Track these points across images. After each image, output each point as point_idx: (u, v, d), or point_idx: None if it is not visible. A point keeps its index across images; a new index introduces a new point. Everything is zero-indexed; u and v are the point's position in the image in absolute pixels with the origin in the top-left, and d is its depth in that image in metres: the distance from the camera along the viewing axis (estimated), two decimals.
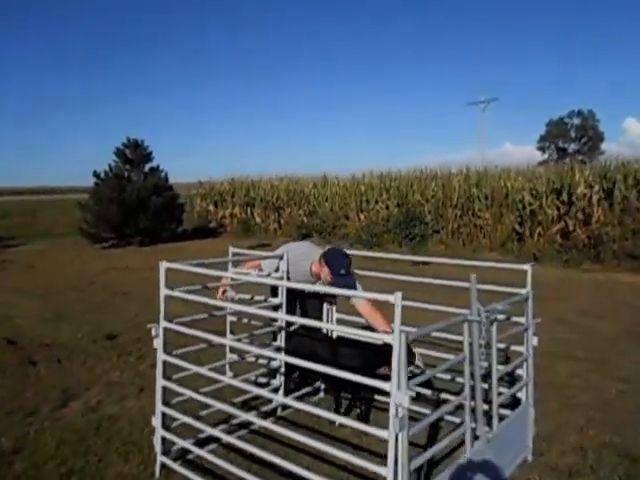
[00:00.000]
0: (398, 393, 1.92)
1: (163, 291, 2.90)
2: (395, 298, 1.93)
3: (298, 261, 3.73)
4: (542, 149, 57.08)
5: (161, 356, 2.93)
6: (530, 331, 3.08)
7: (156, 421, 2.95)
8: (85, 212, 15.96)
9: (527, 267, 3.12)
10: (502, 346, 3.32)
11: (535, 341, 3.11)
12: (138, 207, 15.53)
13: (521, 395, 3.17)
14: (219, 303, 3.35)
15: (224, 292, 3.69)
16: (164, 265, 2.89)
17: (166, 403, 2.98)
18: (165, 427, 2.98)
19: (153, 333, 2.90)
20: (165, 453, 2.97)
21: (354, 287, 3.58)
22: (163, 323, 2.90)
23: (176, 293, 2.90)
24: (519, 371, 3.19)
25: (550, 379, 4.43)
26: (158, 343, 2.91)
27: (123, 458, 3.12)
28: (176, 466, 2.94)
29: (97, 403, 3.98)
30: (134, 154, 16.67)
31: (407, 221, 13.40)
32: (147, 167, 17.14)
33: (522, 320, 3.13)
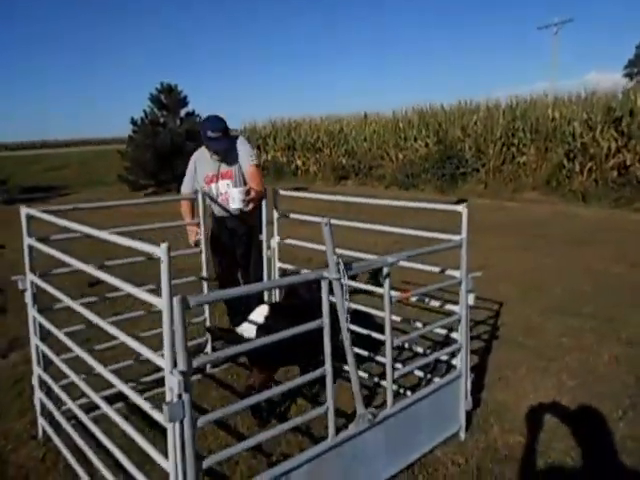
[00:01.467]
0: (170, 375, 1.48)
1: (26, 240, 2.57)
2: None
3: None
4: (629, 76, 50.72)
5: (32, 312, 2.64)
6: (464, 286, 2.49)
7: (34, 381, 2.71)
8: (124, 160, 16.17)
9: (461, 208, 2.48)
10: (437, 305, 2.76)
11: (471, 299, 2.52)
12: (172, 153, 15.46)
13: (455, 362, 2.62)
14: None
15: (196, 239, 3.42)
16: (24, 211, 2.54)
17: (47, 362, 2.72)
18: (46, 389, 2.73)
19: (20, 286, 2.60)
20: (47, 414, 2.74)
21: (233, 150, 3.44)
22: (30, 276, 2.60)
23: (37, 244, 2.55)
24: (454, 335, 2.63)
25: (533, 340, 3.80)
26: (28, 298, 2.62)
27: (11, 416, 2.95)
28: (65, 426, 2.71)
29: None
30: (168, 99, 16.46)
31: (444, 159, 12.38)
32: (183, 112, 16.95)
33: (457, 274, 2.54)
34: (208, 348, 3.43)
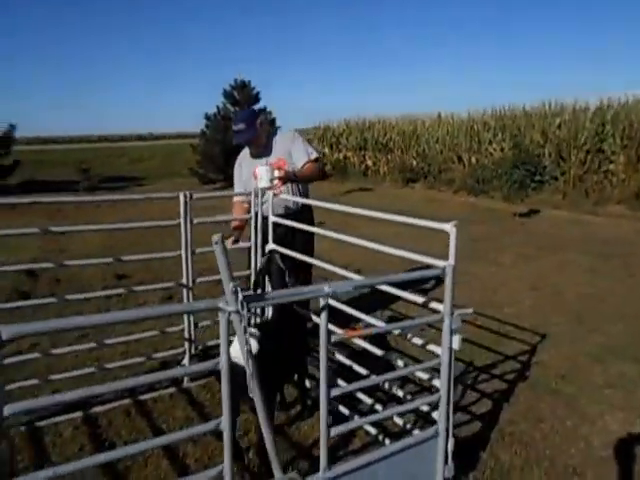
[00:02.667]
0: None
1: None
2: None
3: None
4: None
5: None
6: (446, 325, 1.98)
7: None
8: (195, 153, 16.58)
9: (449, 227, 1.98)
10: (419, 343, 2.26)
11: (456, 342, 2.00)
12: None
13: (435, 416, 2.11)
14: None
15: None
16: None
17: None
18: None
19: None
20: None
21: (274, 143, 3.38)
22: None
23: None
24: (437, 382, 2.12)
25: (570, 387, 3.14)
26: None
27: None
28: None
29: None
30: (241, 95, 16.65)
31: (518, 165, 11.36)
32: (255, 109, 17.07)
33: (440, 307, 2.03)
34: (185, 360, 3.15)
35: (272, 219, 3.01)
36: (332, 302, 2.93)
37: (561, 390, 3.11)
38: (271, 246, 3.19)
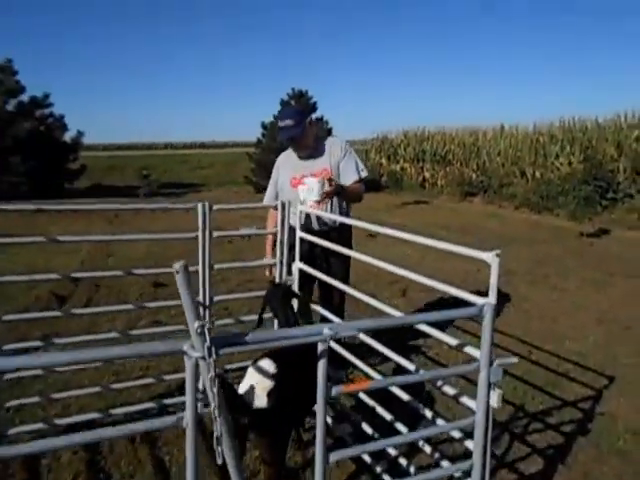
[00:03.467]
0: None
1: None
2: None
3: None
4: None
5: None
6: (483, 377, 1.61)
7: None
8: (251, 162, 16.69)
9: (489, 256, 1.61)
10: (451, 393, 1.89)
11: (495, 398, 1.62)
12: None
13: None
14: None
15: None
16: None
17: None
18: None
19: None
20: None
21: (323, 148, 3.10)
22: None
23: None
24: (469, 443, 1.73)
25: None
26: None
27: None
28: None
29: None
30: (298, 104, 16.62)
31: (587, 180, 10.53)
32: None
33: (477, 354, 1.66)
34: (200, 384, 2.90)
35: (302, 236, 2.77)
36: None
37: (630, 452, 2.60)
38: (298, 265, 2.92)
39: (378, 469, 2.17)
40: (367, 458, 2.25)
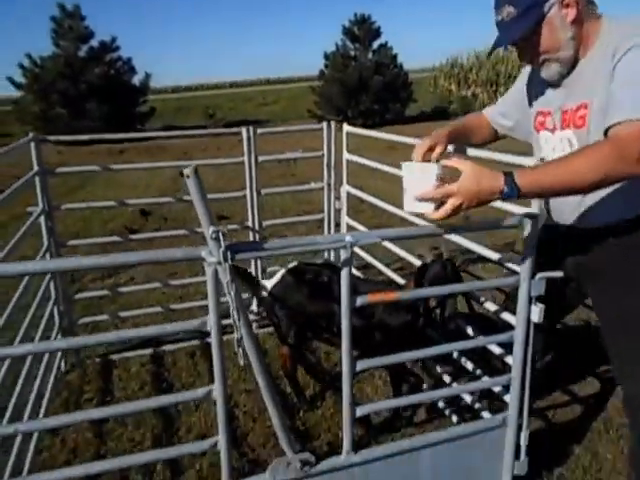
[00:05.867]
0: None
1: None
2: None
3: None
4: None
5: None
6: (524, 290, 1.53)
7: None
8: (314, 94, 16.37)
9: (531, 162, 1.48)
10: (492, 309, 1.82)
11: (536, 313, 1.54)
12: (359, 87, 15.04)
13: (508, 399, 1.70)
14: None
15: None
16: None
17: None
18: None
19: None
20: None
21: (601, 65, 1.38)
22: None
23: None
24: (509, 359, 1.68)
25: None
26: None
27: None
28: None
29: None
30: (361, 30, 15.86)
31: None
32: (376, 44, 16.22)
33: (517, 269, 1.57)
34: (253, 305, 3.03)
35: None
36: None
37: None
38: (346, 187, 2.87)
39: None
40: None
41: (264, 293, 2.16)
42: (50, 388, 2.37)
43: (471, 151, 1.76)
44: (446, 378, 2.27)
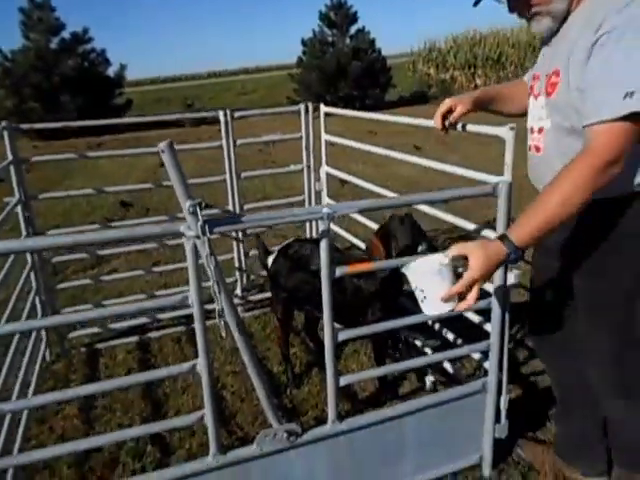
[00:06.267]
0: None
1: None
2: None
3: None
4: None
5: None
6: None
7: None
8: (293, 82, 16.27)
9: (504, 131, 1.51)
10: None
11: (512, 276, 1.59)
12: (338, 73, 14.99)
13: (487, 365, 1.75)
14: None
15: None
16: None
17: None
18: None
19: None
20: None
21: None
22: None
23: None
24: (488, 326, 1.73)
25: None
26: None
27: None
28: None
29: None
30: (338, 15, 15.76)
31: None
32: (353, 30, 16.13)
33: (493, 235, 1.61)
34: (238, 290, 3.04)
35: None
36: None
37: None
38: (325, 168, 2.88)
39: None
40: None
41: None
42: (35, 378, 2.36)
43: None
44: (427, 350, 2.32)
